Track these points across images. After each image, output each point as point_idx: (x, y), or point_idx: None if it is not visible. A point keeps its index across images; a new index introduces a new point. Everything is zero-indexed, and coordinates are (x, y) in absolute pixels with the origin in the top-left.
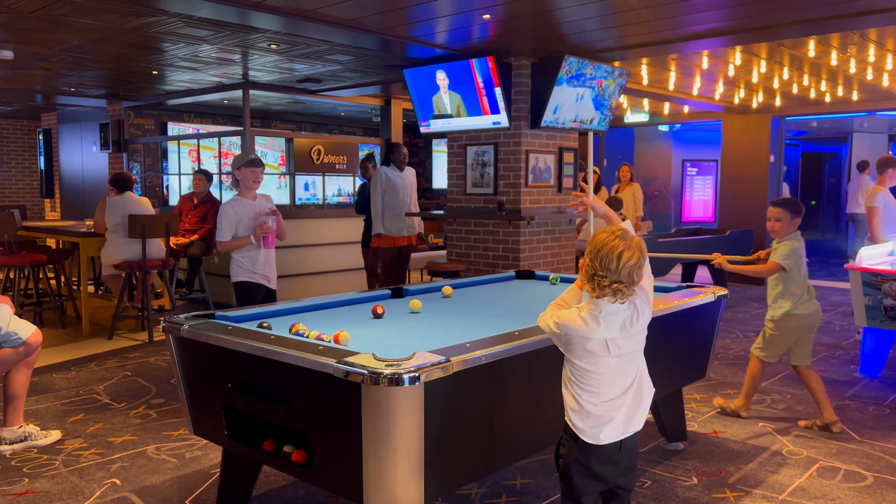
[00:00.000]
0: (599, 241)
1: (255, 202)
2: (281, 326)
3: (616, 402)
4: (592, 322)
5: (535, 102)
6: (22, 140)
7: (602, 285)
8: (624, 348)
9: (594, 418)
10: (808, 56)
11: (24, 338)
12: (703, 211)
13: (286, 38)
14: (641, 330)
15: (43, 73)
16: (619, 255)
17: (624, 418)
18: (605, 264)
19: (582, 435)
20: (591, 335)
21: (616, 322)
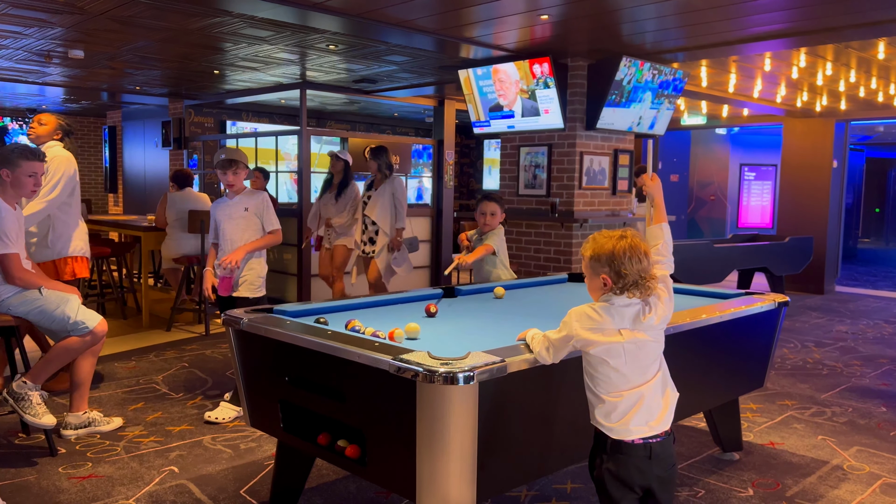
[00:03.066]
0: (607, 248)
1: (234, 200)
2: (337, 322)
3: (636, 394)
4: (605, 314)
5: (590, 104)
6: (88, 137)
7: (624, 285)
8: (638, 338)
9: (618, 412)
10: (877, 58)
11: (91, 327)
12: (760, 216)
13: (344, 39)
14: (658, 324)
15: (110, 72)
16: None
17: (647, 414)
18: (618, 267)
19: (609, 433)
20: (603, 325)
21: (628, 314)
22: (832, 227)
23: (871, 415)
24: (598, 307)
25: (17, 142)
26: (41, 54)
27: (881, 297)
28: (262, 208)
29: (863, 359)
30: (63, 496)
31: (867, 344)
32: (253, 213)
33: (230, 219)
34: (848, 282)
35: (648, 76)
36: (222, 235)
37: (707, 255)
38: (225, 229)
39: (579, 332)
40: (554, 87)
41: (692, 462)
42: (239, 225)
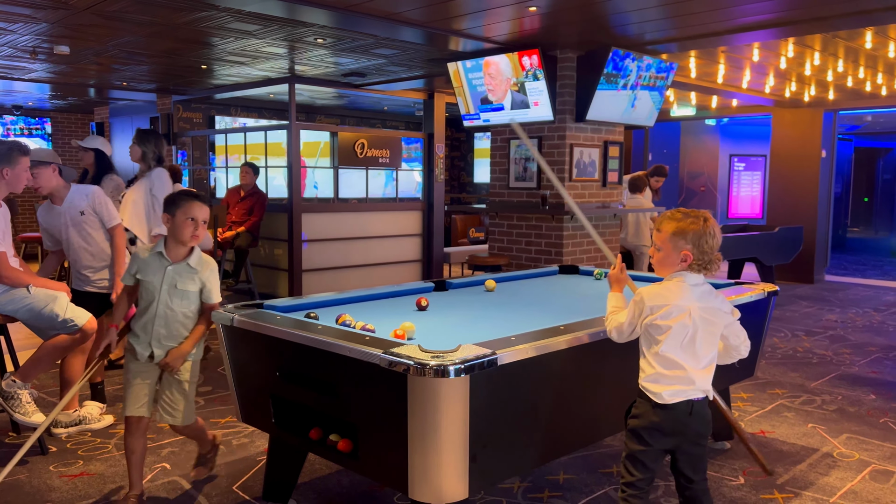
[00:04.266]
0: (695, 226)
1: (63, 206)
2: (328, 317)
3: (686, 374)
4: (676, 290)
5: (580, 96)
6: (76, 133)
7: (702, 262)
8: (702, 318)
9: (666, 382)
10: (865, 48)
11: (81, 325)
12: (750, 207)
13: (332, 32)
14: (721, 308)
15: (97, 67)
16: (710, 233)
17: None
18: (702, 244)
19: (655, 398)
20: (675, 301)
21: (697, 291)
22: (821, 216)
23: (861, 402)
24: (671, 285)
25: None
26: (26, 50)
27: (870, 286)
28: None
29: (852, 347)
30: (54, 494)
31: (856, 332)
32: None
33: (68, 227)
34: (837, 271)
35: (637, 66)
36: (68, 245)
37: None
38: (70, 238)
39: (655, 303)
40: (543, 79)
41: None
42: (83, 231)
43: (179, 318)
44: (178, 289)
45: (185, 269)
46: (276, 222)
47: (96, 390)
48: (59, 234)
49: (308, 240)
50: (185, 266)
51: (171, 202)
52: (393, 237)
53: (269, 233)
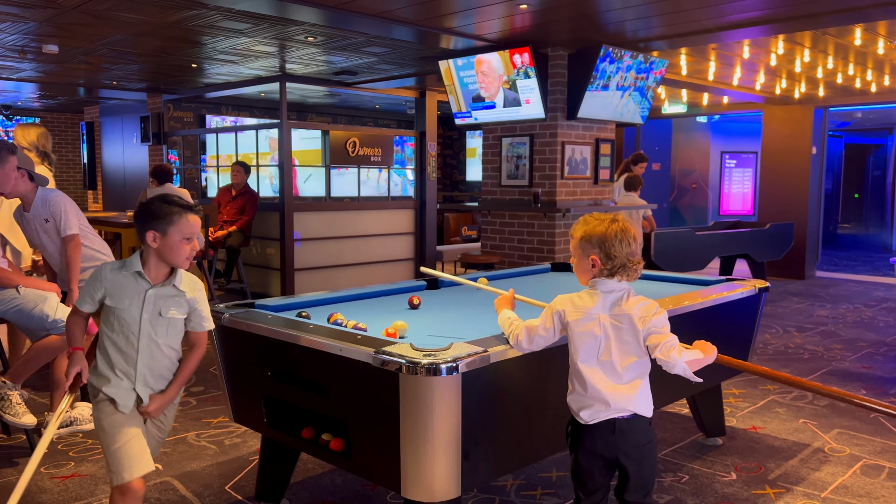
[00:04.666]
0: (599, 230)
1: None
2: (319, 316)
3: (602, 392)
4: (587, 299)
5: (571, 93)
6: (65, 133)
7: (613, 267)
8: (613, 326)
9: (585, 401)
10: (854, 45)
11: None
12: (741, 204)
13: (323, 31)
14: (634, 315)
15: (86, 66)
16: (617, 237)
17: (611, 404)
18: (608, 248)
19: (574, 414)
20: (585, 309)
21: (609, 299)
22: (812, 213)
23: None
24: (583, 293)
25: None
26: (14, 50)
27: (861, 282)
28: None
29: (843, 343)
30: (45, 496)
31: (847, 328)
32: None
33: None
34: (828, 267)
35: (629, 63)
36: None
37: (689, 243)
38: (43, 242)
39: (566, 312)
40: (535, 76)
41: (676, 448)
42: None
43: (165, 352)
44: (163, 317)
45: (170, 293)
46: (267, 221)
47: (86, 391)
48: (33, 239)
49: (300, 238)
50: (171, 288)
51: (160, 217)
52: (385, 236)
53: (261, 232)
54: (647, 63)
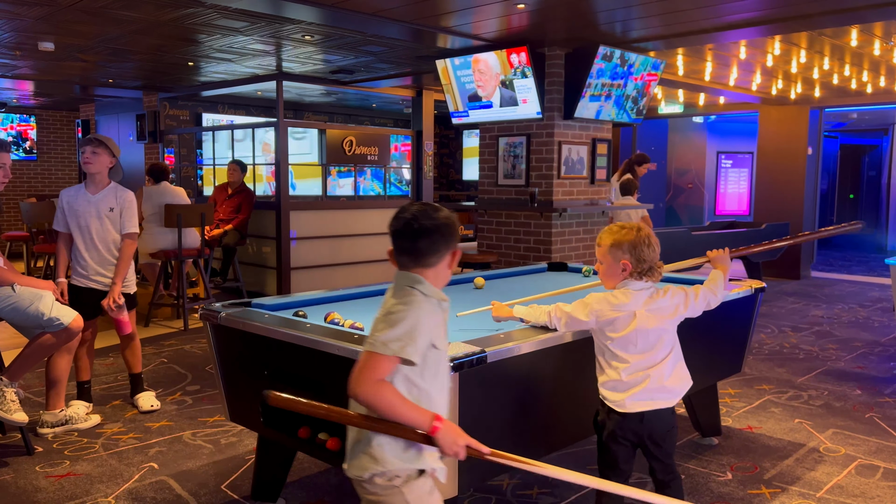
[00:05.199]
0: (629, 237)
1: (96, 196)
2: (316, 315)
3: (642, 375)
4: (622, 297)
5: (568, 93)
6: (61, 131)
7: (642, 270)
8: (645, 321)
9: (623, 388)
10: (850, 45)
11: (66, 323)
12: (737, 204)
13: (320, 29)
14: (669, 308)
15: (82, 64)
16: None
17: (649, 392)
18: (639, 253)
19: (613, 405)
20: (621, 307)
21: (642, 297)
22: (808, 213)
23: (847, 397)
24: (617, 292)
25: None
26: (10, 47)
27: (856, 282)
28: (124, 208)
29: (838, 342)
30: (41, 495)
31: (842, 328)
32: (117, 213)
33: (95, 217)
34: (823, 267)
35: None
36: (85, 233)
37: (685, 243)
38: (91, 227)
39: (602, 311)
40: (531, 76)
41: None
42: (104, 225)
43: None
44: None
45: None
46: (263, 220)
47: (83, 389)
48: (79, 218)
49: (297, 237)
50: None
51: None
52: (382, 234)
53: (257, 231)
54: (625, 66)
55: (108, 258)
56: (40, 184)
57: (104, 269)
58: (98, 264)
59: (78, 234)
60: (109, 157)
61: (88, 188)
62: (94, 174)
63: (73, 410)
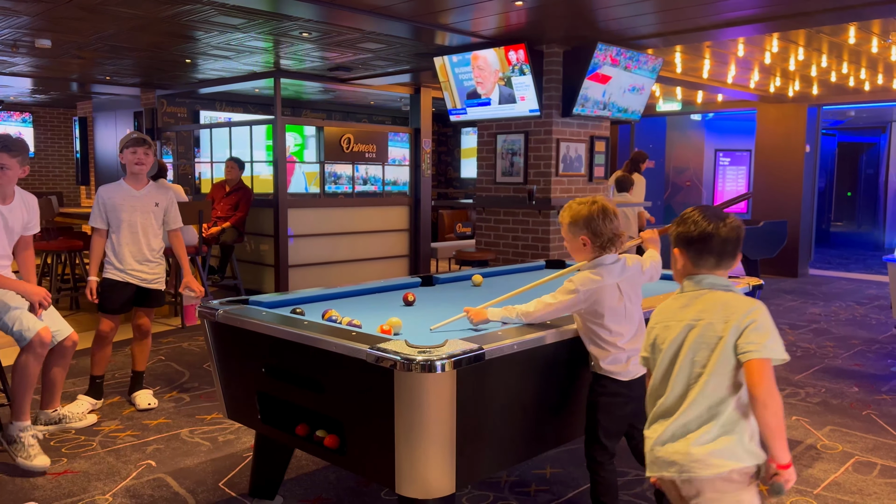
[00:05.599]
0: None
1: (141, 192)
2: (314, 312)
3: (636, 339)
4: (601, 273)
5: (566, 90)
6: (58, 128)
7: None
8: (627, 290)
9: (624, 357)
10: (848, 43)
11: (30, 337)
12: None
13: (318, 27)
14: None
15: (79, 61)
16: (599, 215)
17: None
18: (594, 227)
19: (618, 377)
20: (603, 283)
21: (616, 268)
22: (805, 211)
23: (844, 395)
24: (594, 269)
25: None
26: (7, 44)
27: (853, 280)
28: (170, 203)
29: (836, 340)
30: (38, 493)
31: (840, 325)
32: (162, 209)
33: (141, 213)
34: (821, 265)
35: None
36: (128, 228)
37: None
38: (136, 223)
39: (589, 289)
40: (530, 73)
41: None
42: (148, 220)
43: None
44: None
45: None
46: (261, 218)
47: (94, 384)
48: (122, 214)
49: (294, 235)
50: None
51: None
52: (380, 232)
53: (255, 228)
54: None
55: (146, 254)
56: (38, 182)
57: (141, 265)
58: (137, 260)
59: (119, 230)
60: (153, 158)
61: (132, 184)
62: (141, 174)
63: (69, 409)
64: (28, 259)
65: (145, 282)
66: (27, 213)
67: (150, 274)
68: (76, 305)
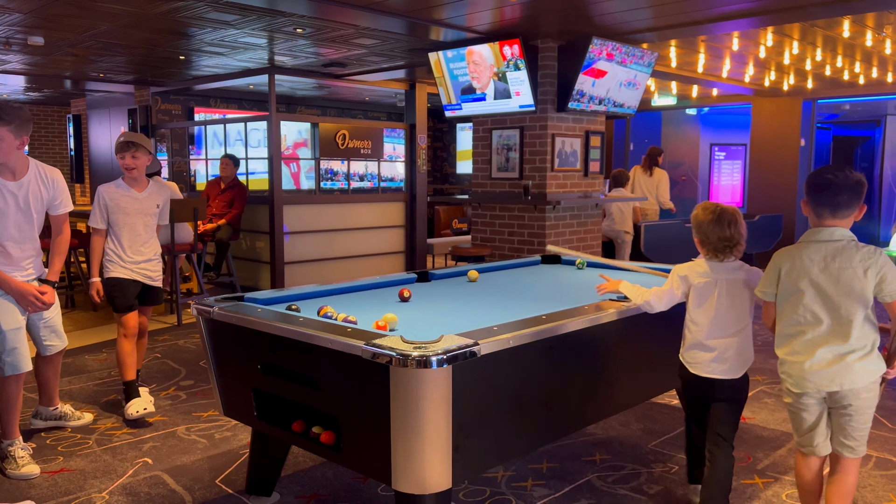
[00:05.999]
0: (698, 218)
1: (143, 194)
2: (309, 309)
3: (712, 342)
4: (703, 264)
5: (561, 85)
6: (52, 126)
7: (713, 248)
8: (727, 293)
9: (694, 350)
10: (843, 37)
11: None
12: (731, 196)
13: (312, 22)
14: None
15: (72, 59)
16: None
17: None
18: (703, 233)
19: (687, 366)
20: (702, 274)
21: (722, 267)
22: (800, 204)
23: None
24: (700, 260)
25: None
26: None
27: None
28: (166, 202)
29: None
30: (34, 491)
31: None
32: (160, 209)
33: (143, 215)
34: None
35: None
36: (131, 229)
37: (678, 235)
38: (135, 224)
39: (682, 272)
40: (524, 68)
41: (665, 438)
42: (150, 223)
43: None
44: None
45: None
46: (256, 215)
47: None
48: (126, 216)
49: (290, 232)
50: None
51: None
52: (376, 228)
53: (251, 225)
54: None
55: (148, 253)
56: None
57: (144, 264)
58: (142, 258)
59: (121, 231)
60: (147, 156)
61: (133, 186)
62: (138, 176)
63: (68, 407)
64: (57, 244)
65: (150, 279)
66: (47, 190)
67: (153, 272)
68: (72, 303)
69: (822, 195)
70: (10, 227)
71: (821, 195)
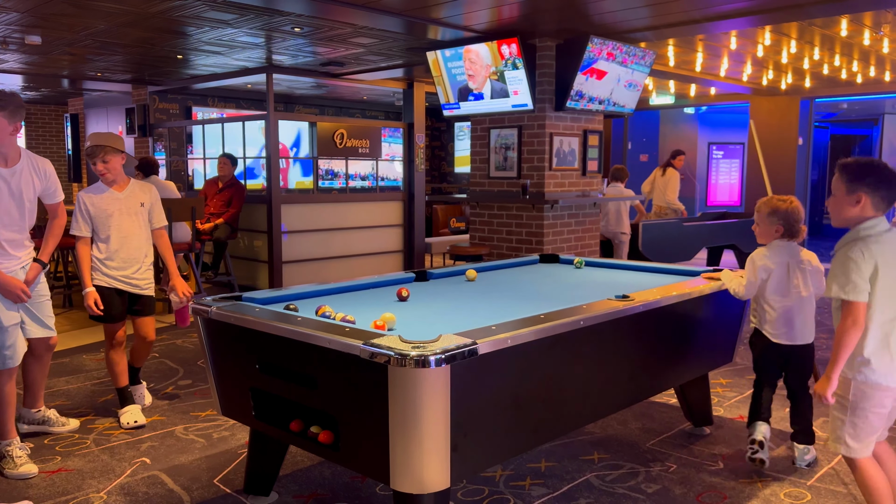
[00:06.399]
0: (783, 207)
1: (124, 193)
2: (307, 308)
3: (789, 310)
4: (776, 250)
5: (559, 84)
6: (50, 125)
7: (790, 233)
8: (794, 271)
9: (778, 322)
10: (840, 35)
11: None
12: (728, 195)
13: (310, 21)
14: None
15: (70, 58)
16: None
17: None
18: (790, 221)
19: (770, 337)
20: (775, 258)
21: (785, 251)
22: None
23: None
24: (771, 246)
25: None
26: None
27: None
28: (154, 201)
29: (828, 332)
30: (32, 491)
31: (832, 318)
32: (147, 208)
33: (128, 215)
34: None
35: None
36: (116, 232)
37: (677, 234)
38: (121, 225)
39: (764, 263)
40: (522, 67)
41: (664, 437)
42: (137, 222)
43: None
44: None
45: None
46: (254, 214)
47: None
48: (109, 219)
49: (288, 231)
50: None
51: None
52: (374, 228)
53: (249, 224)
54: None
55: (136, 256)
56: None
57: (133, 271)
58: (128, 266)
59: (108, 237)
60: (119, 156)
61: (113, 186)
62: (114, 180)
63: (53, 412)
64: (53, 227)
65: (137, 288)
66: (40, 180)
67: (142, 279)
68: (69, 303)
69: (893, 187)
70: (1, 214)
71: (892, 187)
